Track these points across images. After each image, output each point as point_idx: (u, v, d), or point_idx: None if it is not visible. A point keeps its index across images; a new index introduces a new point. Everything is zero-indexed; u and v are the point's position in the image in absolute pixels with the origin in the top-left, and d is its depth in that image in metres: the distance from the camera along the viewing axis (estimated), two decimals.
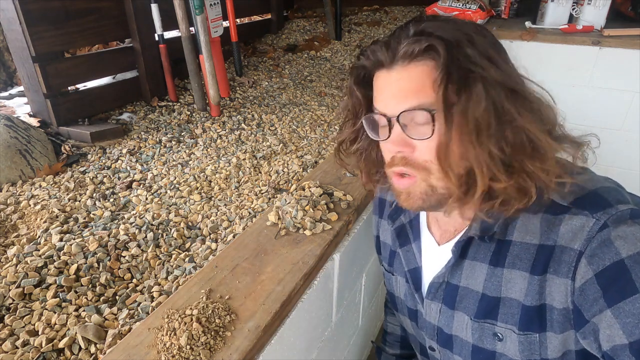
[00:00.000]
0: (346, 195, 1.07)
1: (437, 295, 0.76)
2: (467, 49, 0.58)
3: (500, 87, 0.57)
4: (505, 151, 0.58)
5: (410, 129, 0.63)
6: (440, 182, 0.63)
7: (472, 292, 0.70)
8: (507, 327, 0.66)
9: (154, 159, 1.49)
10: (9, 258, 0.96)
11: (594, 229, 0.57)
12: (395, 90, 0.63)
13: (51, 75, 1.49)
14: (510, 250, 0.66)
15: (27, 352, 0.75)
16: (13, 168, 1.30)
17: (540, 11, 2.32)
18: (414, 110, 0.61)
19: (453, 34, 0.59)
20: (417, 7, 3.38)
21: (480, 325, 0.70)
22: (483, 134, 0.57)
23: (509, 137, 0.58)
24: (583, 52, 2.05)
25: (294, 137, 1.69)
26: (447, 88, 0.57)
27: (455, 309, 0.73)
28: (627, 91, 2.04)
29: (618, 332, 0.53)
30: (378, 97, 0.67)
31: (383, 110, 0.66)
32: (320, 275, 0.92)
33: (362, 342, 1.50)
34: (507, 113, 0.57)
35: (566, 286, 0.59)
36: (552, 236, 0.61)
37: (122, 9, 1.70)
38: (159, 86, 1.89)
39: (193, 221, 1.16)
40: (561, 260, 0.60)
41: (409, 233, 0.85)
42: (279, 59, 2.55)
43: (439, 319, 0.77)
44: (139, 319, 0.82)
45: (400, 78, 0.62)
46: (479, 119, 0.56)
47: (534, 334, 0.64)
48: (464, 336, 0.73)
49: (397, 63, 0.62)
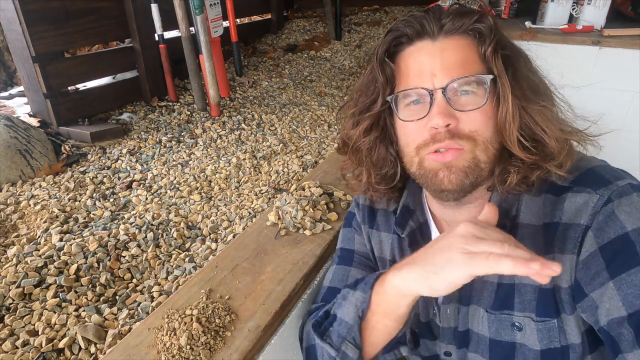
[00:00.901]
0: (346, 195, 1.07)
1: (452, 296, 0.72)
2: (500, 27, 0.64)
3: (527, 59, 0.66)
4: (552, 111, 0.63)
5: (456, 100, 0.62)
6: (484, 154, 0.63)
7: (487, 282, 0.68)
8: (526, 315, 0.65)
9: (154, 159, 1.49)
10: (9, 258, 0.96)
11: (598, 204, 0.58)
12: (441, 61, 0.63)
13: (51, 75, 1.50)
14: (519, 233, 0.65)
15: (27, 352, 0.75)
16: (13, 168, 1.30)
17: (540, 11, 2.32)
18: (467, 79, 0.61)
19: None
20: (417, 7, 3.38)
21: (497, 317, 0.68)
22: (538, 95, 0.62)
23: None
24: (583, 52, 2.05)
25: (294, 137, 1.69)
26: (500, 56, 0.61)
27: (470, 304, 0.71)
28: (627, 91, 2.04)
29: (617, 304, 0.53)
30: (414, 71, 0.65)
31: (421, 84, 0.63)
32: (320, 275, 0.91)
33: None
34: (541, 80, 0.65)
35: (571, 262, 0.59)
36: (557, 213, 0.62)
37: (122, 9, 1.70)
38: (159, 86, 1.89)
39: (193, 221, 1.16)
40: (566, 236, 0.60)
41: (419, 239, 0.79)
42: (279, 59, 2.55)
43: (455, 320, 0.74)
44: (139, 319, 0.82)
45: (446, 48, 0.63)
46: (530, 81, 0.62)
47: (551, 320, 0.63)
48: (479, 330, 0.71)
49: (441, 34, 0.63)
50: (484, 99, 0.61)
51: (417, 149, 0.66)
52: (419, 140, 0.66)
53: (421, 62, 0.64)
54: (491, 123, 0.63)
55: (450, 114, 0.62)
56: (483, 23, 0.62)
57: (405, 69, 0.67)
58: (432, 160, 0.65)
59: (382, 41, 0.68)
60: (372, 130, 0.73)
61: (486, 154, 0.63)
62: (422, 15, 0.65)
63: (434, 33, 0.64)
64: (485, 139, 0.63)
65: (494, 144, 0.64)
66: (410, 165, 0.70)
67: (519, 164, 0.63)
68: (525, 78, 0.63)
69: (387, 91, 0.69)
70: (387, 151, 0.75)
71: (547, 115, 0.61)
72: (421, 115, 0.64)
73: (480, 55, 0.63)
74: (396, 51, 0.68)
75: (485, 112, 0.62)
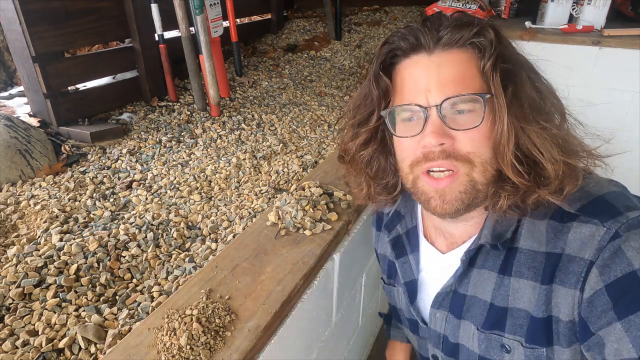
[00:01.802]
0: (346, 195, 1.07)
1: (443, 304, 0.73)
2: (504, 37, 0.59)
3: (533, 72, 0.61)
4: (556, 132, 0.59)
5: (452, 119, 0.59)
6: (482, 176, 0.60)
7: (480, 301, 0.68)
8: (515, 339, 0.64)
9: (154, 159, 1.49)
10: (9, 258, 0.96)
11: (604, 238, 0.55)
12: (437, 76, 0.59)
13: (51, 75, 1.49)
14: (517, 258, 0.63)
15: (27, 352, 0.75)
16: (13, 168, 1.30)
17: (540, 11, 2.32)
18: (463, 97, 0.58)
19: (489, 22, 0.59)
20: (417, 7, 3.38)
21: (487, 337, 0.67)
22: (540, 114, 0.58)
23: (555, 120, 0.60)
24: (583, 52, 2.05)
25: (294, 137, 1.69)
26: (500, 73, 0.57)
27: (462, 318, 0.71)
28: (627, 91, 2.04)
29: (627, 346, 0.50)
30: (409, 86, 0.62)
31: (415, 100, 0.60)
32: (320, 275, 0.91)
33: (362, 342, 1.50)
34: (547, 96, 0.60)
35: (574, 297, 0.57)
36: (560, 244, 0.59)
37: (122, 9, 1.70)
38: (159, 86, 1.89)
39: (193, 221, 1.16)
40: (568, 270, 0.57)
41: (405, 244, 0.81)
42: (279, 59, 2.55)
43: (444, 328, 0.74)
44: (139, 319, 0.82)
45: (442, 64, 0.59)
46: (530, 100, 0.58)
47: (540, 348, 0.61)
48: (470, 346, 0.71)
49: (438, 48, 0.59)
50: (480, 118, 0.58)
51: (410, 166, 0.64)
52: (412, 157, 0.64)
53: (416, 77, 0.61)
54: (489, 143, 0.59)
55: (444, 133, 0.59)
56: (483, 36, 0.58)
57: (400, 83, 0.64)
58: (426, 183, 0.63)
59: (378, 53, 0.65)
60: (370, 143, 0.72)
61: (484, 175, 0.60)
62: (418, 28, 0.61)
63: (429, 46, 0.60)
64: (484, 160, 0.59)
65: (492, 165, 0.60)
66: (405, 180, 0.68)
67: (510, 188, 0.59)
68: (527, 96, 0.58)
69: (382, 105, 0.67)
70: (386, 162, 0.73)
71: (546, 137, 0.57)
72: (415, 132, 0.62)
73: (479, 69, 0.59)
74: (393, 63, 0.65)
75: (483, 132, 0.59)
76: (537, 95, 0.60)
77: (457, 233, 0.72)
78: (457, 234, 0.72)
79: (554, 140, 0.58)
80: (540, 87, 0.62)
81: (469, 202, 0.61)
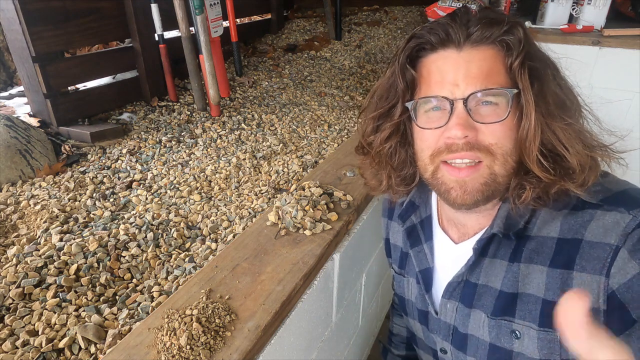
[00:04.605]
0: (346, 195, 1.07)
1: (454, 294, 0.74)
2: (530, 36, 0.60)
3: (556, 70, 0.63)
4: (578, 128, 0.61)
5: (477, 112, 0.61)
6: (502, 168, 0.61)
7: (491, 289, 0.68)
8: (526, 324, 0.64)
9: (154, 159, 1.49)
10: (9, 258, 0.96)
11: (630, 225, 0.56)
12: (465, 71, 0.61)
13: (51, 75, 1.49)
14: (527, 244, 0.64)
15: (27, 352, 0.75)
16: (13, 168, 1.30)
17: (540, 11, 2.32)
18: (490, 91, 0.59)
19: (518, 20, 0.61)
20: (417, 7, 3.38)
21: (497, 323, 0.68)
22: (564, 110, 0.59)
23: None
24: (583, 52, 2.05)
25: (294, 137, 1.69)
26: (527, 70, 0.58)
27: (472, 307, 0.71)
28: (627, 91, 2.04)
29: None
30: (436, 78, 0.63)
31: (441, 92, 0.62)
32: (320, 275, 0.91)
33: (362, 342, 1.50)
34: (568, 93, 0.62)
35: (598, 283, 0.56)
36: (580, 230, 0.59)
37: (122, 9, 1.70)
38: (159, 86, 1.89)
39: (193, 221, 1.16)
40: (591, 256, 0.57)
41: (420, 233, 0.82)
42: (279, 59, 2.55)
43: (454, 318, 0.75)
44: (139, 319, 0.82)
45: (471, 59, 0.61)
46: (555, 97, 0.59)
47: (554, 332, 0.62)
48: (480, 335, 0.71)
49: (468, 44, 0.61)
50: (505, 112, 0.59)
51: (431, 156, 0.66)
52: (434, 148, 0.65)
53: (444, 70, 0.62)
54: (512, 136, 0.61)
55: (469, 125, 0.60)
56: (512, 35, 0.60)
57: (427, 75, 0.65)
58: (446, 172, 0.64)
59: (404, 46, 0.66)
60: (392, 137, 0.73)
61: (504, 167, 0.62)
62: (448, 22, 0.62)
63: (459, 42, 0.61)
64: (505, 152, 0.61)
65: (513, 157, 0.62)
66: (424, 171, 0.69)
67: (535, 181, 0.61)
68: (552, 93, 0.60)
69: (407, 97, 0.68)
70: (406, 154, 0.75)
71: (570, 133, 0.59)
72: (440, 123, 0.63)
73: (506, 66, 0.61)
74: (418, 56, 0.66)
75: (506, 125, 0.60)
76: (561, 92, 0.62)
77: (469, 224, 0.73)
78: (470, 225, 0.73)
79: (578, 135, 0.60)
80: (562, 84, 0.63)
81: (488, 194, 0.63)
